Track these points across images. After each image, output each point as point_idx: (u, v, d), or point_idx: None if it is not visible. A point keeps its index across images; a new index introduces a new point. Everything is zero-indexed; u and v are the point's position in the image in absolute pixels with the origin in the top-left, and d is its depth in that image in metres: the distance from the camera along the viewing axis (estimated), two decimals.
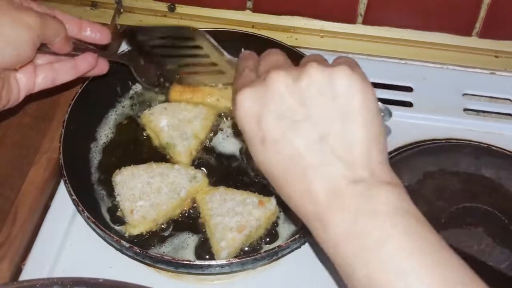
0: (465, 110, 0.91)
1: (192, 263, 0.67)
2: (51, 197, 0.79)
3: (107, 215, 0.76)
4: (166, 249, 0.73)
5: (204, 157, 0.81)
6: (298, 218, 0.52)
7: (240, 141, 0.82)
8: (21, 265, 0.73)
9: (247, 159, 0.80)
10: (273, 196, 0.74)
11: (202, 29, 0.80)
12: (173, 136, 0.80)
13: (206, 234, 0.73)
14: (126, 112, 0.86)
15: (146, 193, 0.74)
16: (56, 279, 0.55)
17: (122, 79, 0.86)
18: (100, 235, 0.73)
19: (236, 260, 0.67)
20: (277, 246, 0.68)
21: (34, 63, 0.72)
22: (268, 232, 0.74)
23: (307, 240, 0.73)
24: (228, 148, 0.82)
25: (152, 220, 0.73)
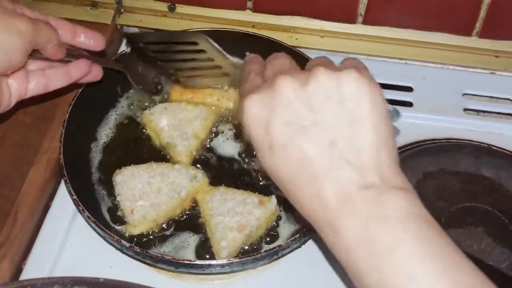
0: (465, 110, 0.91)
1: (193, 263, 0.67)
2: (52, 197, 0.79)
3: (108, 215, 0.76)
4: (167, 249, 0.73)
5: (204, 157, 0.81)
6: (299, 218, 0.52)
7: (241, 144, 0.82)
8: (22, 265, 0.73)
9: (247, 160, 0.80)
10: (273, 196, 0.74)
11: (203, 30, 0.79)
12: (174, 136, 0.80)
13: (207, 234, 0.73)
14: (126, 112, 0.86)
15: (147, 193, 0.74)
16: (57, 279, 0.55)
17: (122, 79, 0.85)
18: (101, 235, 0.72)
19: (237, 260, 0.67)
20: (278, 246, 0.68)
21: (26, 69, 0.72)
22: (269, 232, 0.74)
23: (310, 238, 0.73)
24: (228, 151, 0.82)
25: (153, 220, 0.73)
